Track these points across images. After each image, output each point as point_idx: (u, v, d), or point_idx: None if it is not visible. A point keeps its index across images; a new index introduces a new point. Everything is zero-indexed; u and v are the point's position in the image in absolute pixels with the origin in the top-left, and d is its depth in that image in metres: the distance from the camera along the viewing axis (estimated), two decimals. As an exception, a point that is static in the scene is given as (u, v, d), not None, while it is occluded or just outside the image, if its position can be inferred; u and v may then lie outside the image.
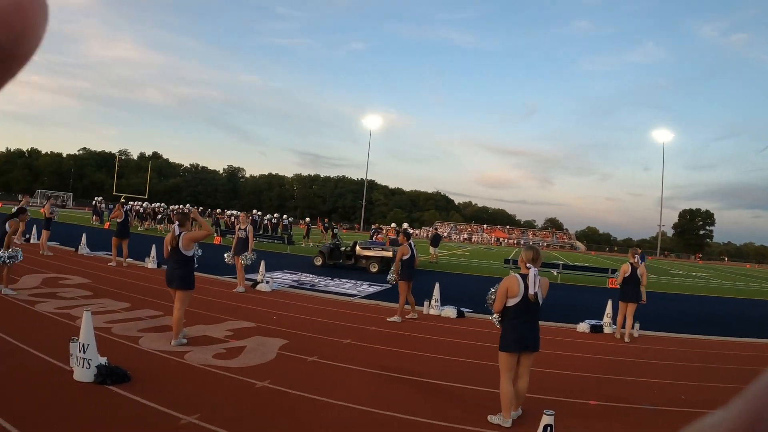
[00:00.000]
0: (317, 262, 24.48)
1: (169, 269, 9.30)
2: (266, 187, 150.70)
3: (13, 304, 11.05)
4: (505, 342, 6.48)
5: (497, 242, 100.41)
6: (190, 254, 9.30)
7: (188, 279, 9.20)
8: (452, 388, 7.81)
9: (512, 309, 6.46)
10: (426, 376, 8.27)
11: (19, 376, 6.81)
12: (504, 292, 6.48)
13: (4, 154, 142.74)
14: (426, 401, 7.14)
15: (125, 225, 19.04)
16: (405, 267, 13.00)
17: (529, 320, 6.51)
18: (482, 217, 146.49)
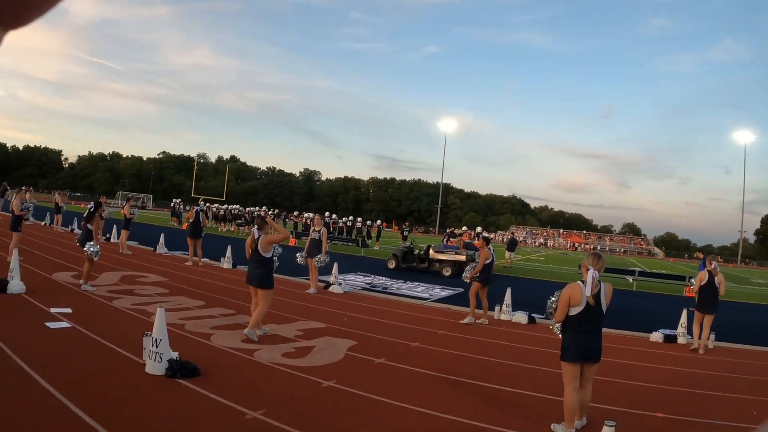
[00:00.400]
0: (390, 265, 24.57)
1: (249, 269, 10.07)
2: (342, 190, 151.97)
3: (92, 300, 11.52)
4: (566, 352, 6.29)
5: (573, 247, 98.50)
6: (268, 256, 9.94)
7: (267, 279, 9.86)
8: (518, 396, 7.71)
9: (575, 318, 6.25)
10: (492, 382, 8.20)
11: (95, 368, 7.11)
12: (566, 301, 6.25)
13: (87, 157, 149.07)
14: (490, 408, 7.08)
15: (196, 225, 19.57)
16: (483, 271, 12.95)
17: (592, 329, 6.28)
18: (558, 221, 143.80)
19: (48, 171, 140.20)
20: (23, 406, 5.64)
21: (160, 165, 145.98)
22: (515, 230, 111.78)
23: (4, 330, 8.42)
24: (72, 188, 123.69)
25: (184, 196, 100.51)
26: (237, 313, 11.52)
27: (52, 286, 12.65)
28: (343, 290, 16.00)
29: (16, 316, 9.52)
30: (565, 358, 6.29)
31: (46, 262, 16.18)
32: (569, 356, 6.25)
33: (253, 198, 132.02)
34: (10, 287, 11.25)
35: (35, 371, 6.67)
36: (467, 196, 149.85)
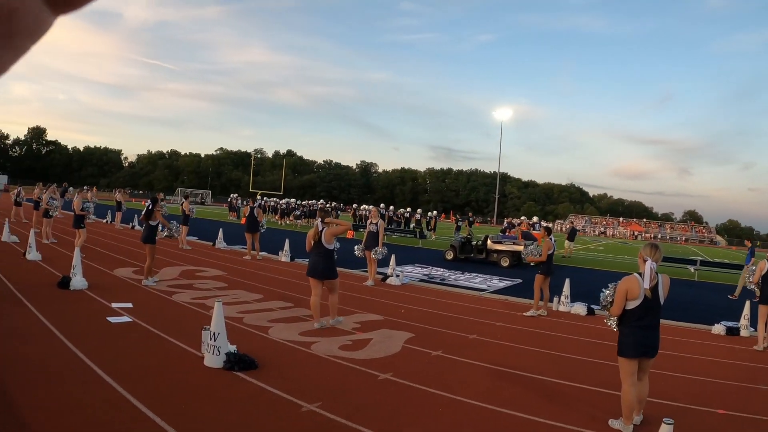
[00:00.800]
0: (448, 256, 24.45)
1: (312, 261, 10.26)
2: (399, 182, 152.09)
3: (152, 295, 11.78)
4: (623, 347, 6.15)
5: (633, 236, 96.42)
6: (331, 248, 10.20)
7: (332, 269, 10.19)
8: (577, 390, 7.57)
9: (632, 312, 6.08)
10: (550, 376, 8.08)
11: (155, 361, 7.28)
12: (623, 294, 6.07)
13: (146, 156, 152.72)
14: (547, 401, 6.97)
15: (252, 220, 19.80)
16: (546, 262, 12.77)
17: (650, 323, 6.09)
18: (618, 209, 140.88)
19: (109, 170, 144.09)
20: (85, 398, 5.80)
21: (217, 161, 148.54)
22: (574, 219, 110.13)
23: (67, 325, 8.69)
24: (132, 186, 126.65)
25: (242, 191, 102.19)
26: (295, 306, 11.64)
27: (114, 281, 12.99)
28: (401, 282, 16.02)
29: (78, 311, 9.81)
30: (623, 353, 6.14)
31: (107, 259, 16.62)
32: (627, 352, 6.11)
33: (310, 191, 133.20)
34: (72, 283, 11.61)
35: (97, 364, 6.86)
36: (525, 185, 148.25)
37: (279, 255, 19.92)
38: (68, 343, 7.73)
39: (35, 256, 15.31)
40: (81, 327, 8.69)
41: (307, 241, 10.41)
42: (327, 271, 10.09)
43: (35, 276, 12.91)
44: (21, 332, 8.21)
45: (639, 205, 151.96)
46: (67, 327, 8.57)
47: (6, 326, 8.47)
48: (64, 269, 13.20)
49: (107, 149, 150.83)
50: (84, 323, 8.97)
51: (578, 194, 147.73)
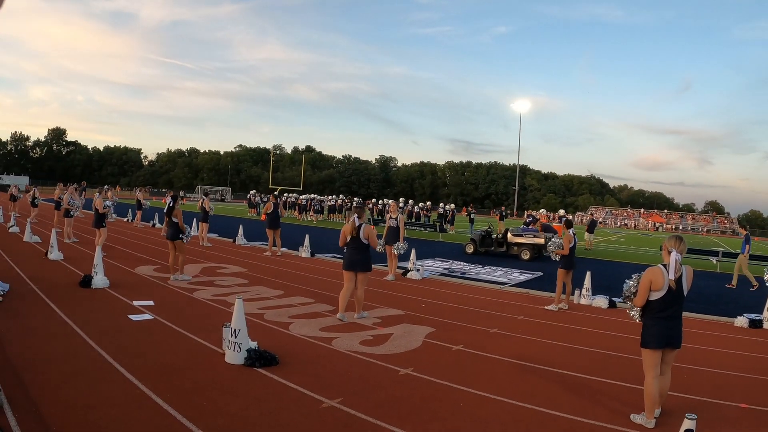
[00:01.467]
0: (468, 249, 24.43)
1: (348, 255, 10.60)
2: (418, 176, 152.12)
3: (173, 292, 11.87)
4: (647, 338, 6.13)
5: (654, 227, 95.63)
6: (367, 242, 10.54)
7: (368, 263, 10.62)
8: (598, 383, 7.49)
9: (656, 303, 6.07)
10: (572, 370, 8.01)
11: (176, 359, 7.32)
12: (647, 285, 6.07)
13: (166, 154, 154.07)
14: (569, 396, 6.90)
15: (274, 216, 19.86)
16: (568, 255, 12.70)
17: (673, 314, 6.08)
18: (638, 201, 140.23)
19: (129, 169, 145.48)
20: (108, 396, 5.85)
21: (237, 158, 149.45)
22: (594, 211, 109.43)
23: (89, 323, 8.78)
24: (152, 185, 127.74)
25: (262, 187, 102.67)
26: (316, 302, 11.67)
27: (135, 279, 13.09)
28: (422, 276, 16.01)
29: (100, 309, 9.89)
30: (647, 344, 6.13)
31: (128, 257, 16.76)
32: (651, 343, 6.09)
33: (330, 186, 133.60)
34: (94, 282, 11.72)
35: (119, 362, 6.93)
36: (545, 177, 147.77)
37: (299, 251, 19.97)
38: (90, 342, 7.81)
39: (57, 256, 15.47)
40: (103, 325, 8.76)
41: (342, 236, 10.66)
42: (364, 264, 10.49)
43: (57, 275, 13.04)
44: (43, 331, 8.30)
45: (660, 196, 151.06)
46: (89, 325, 8.65)
47: (29, 325, 8.56)
48: (85, 268, 13.34)
49: (127, 148, 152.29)
50: (106, 321, 9.04)
51: (598, 186, 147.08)
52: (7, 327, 8.34)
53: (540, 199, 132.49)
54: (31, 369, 6.55)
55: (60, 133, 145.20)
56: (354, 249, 10.50)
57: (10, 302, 9.99)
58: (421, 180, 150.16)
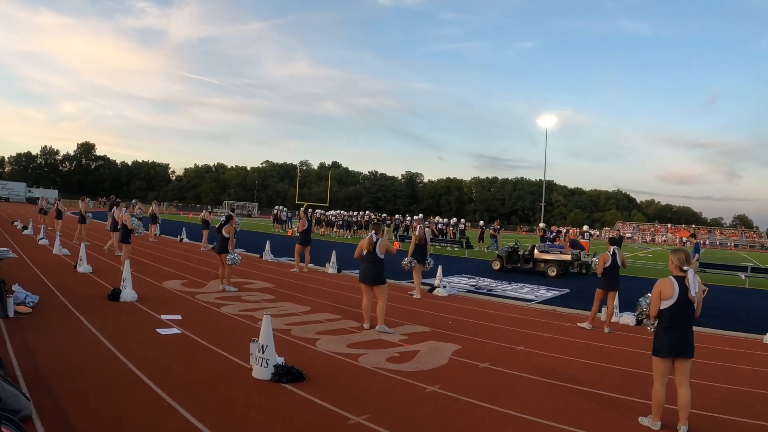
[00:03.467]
0: (495, 266, 24.34)
1: (364, 268, 11.15)
2: (445, 192, 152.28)
3: (201, 307, 11.98)
4: (657, 346, 6.39)
5: (682, 242, 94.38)
6: (382, 257, 11.11)
7: (381, 276, 11.05)
8: (625, 401, 7.40)
9: (666, 312, 6.34)
10: (598, 387, 7.93)
11: (203, 373, 7.39)
12: (657, 295, 6.39)
13: (193, 169, 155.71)
14: (597, 414, 6.82)
15: (307, 233, 19.97)
16: (603, 274, 12.56)
17: (683, 324, 6.31)
18: (666, 215, 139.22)
19: (156, 184, 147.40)
20: (136, 408, 5.92)
21: (263, 174, 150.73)
22: (621, 226, 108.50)
23: (117, 336, 8.90)
24: (180, 199, 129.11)
25: (288, 203, 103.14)
26: (342, 318, 11.70)
27: (163, 294, 13.24)
28: (448, 293, 15.98)
29: (128, 323, 10.03)
30: (657, 353, 6.37)
31: (156, 271, 16.95)
32: (661, 351, 6.33)
33: (356, 202, 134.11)
34: (122, 296, 11.88)
35: (146, 375, 7.01)
36: (571, 193, 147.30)
37: (326, 267, 20.06)
38: (118, 354, 7.91)
39: (86, 269, 15.71)
40: (131, 338, 8.88)
41: (358, 250, 11.28)
42: (377, 278, 10.96)
43: (86, 288, 13.23)
44: (72, 342, 8.43)
45: (687, 210, 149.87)
46: (118, 338, 8.78)
47: (58, 336, 8.70)
48: (114, 281, 13.52)
49: (155, 163, 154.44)
50: (134, 334, 9.16)
51: (625, 201, 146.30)
52: (36, 338, 8.50)
53: (567, 215, 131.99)
54: (60, 380, 6.66)
55: (89, 147, 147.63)
56: (369, 263, 11.07)
57: (39, 314, 10.18)
58: (447, 196, 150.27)
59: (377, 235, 11.20)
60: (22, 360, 7.37)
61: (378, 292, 10.94)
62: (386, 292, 11.08)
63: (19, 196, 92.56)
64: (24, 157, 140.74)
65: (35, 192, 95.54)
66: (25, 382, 6.50)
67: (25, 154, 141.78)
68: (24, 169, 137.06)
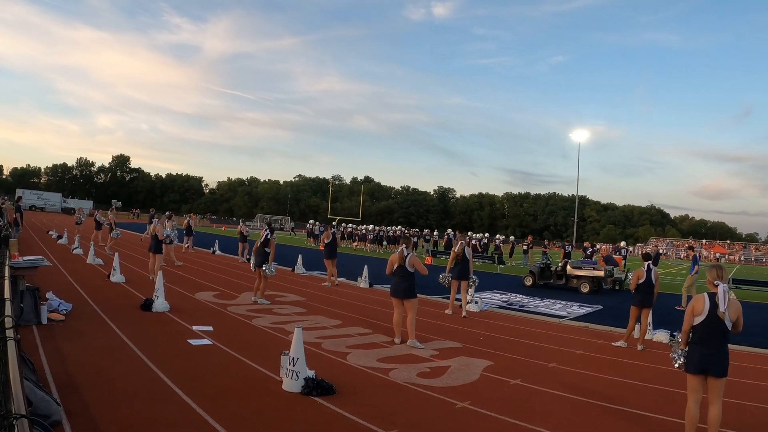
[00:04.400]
0: (527, 282, 24.18)
1: (395, 282, 11.22)
2: (477, 207, 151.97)
3: (232, 318, 12.04)
4: (689, 363, 6.38)
5: (716, 258, 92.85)
6: (413, 271, 11.11)
7: (412, 290, 11.03)
8: (657, 420, 7.25)
9: (697, 328, 6.33)
10: (631, 406, 7.78)
11: (234, 384, 7.42)
12: (690, 311, 6.37)
13: (226, 183, 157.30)
14: (633, 432, 6.75)
15: (332, 246, 20.02)
16: (637, 291, 12.39)
17: (712, 341, 6.22)
18: (700, 231, 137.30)
19: (190, 197, 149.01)
20: (165, 417, 5.96)
21: (296, 188, 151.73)
22: (655, 242, 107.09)
23: (149, 346, 8.97)
24: (213, 212, 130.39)
25: (321, 217, 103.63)
26: (373, 332, 11.67)
27: (195, 305, 13.34)
28: (480, 309, 15.86)
29: (160, 333, 10.12)
30: (687, 369, 6.39)
31: (188, 283, 17.08)
32: (691, 368, 6.35)
33: (388, 217, 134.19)
34: (155, 306, 11.99)
35: (177, 385, 7.05)
36: (604, 208, 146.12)
37: (358, 281, 20.05)
38: (150, 364, 7.97)
39: (119, 279, 15.91)
40: (162, 348, 8.95)
41: (389, 264, 11.31)
42: (407, 292, 10.94)
43: (119, 297, 13.40)
44: (104, 351, 8.53)
45: (722, 225, 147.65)
46: (149, 348, 8.85)
47: (90, 344, 8.81)
48: (146, 292, 13.64)
49: (188, 176, 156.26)
50: (165, 345, 9.24)
51: (659, 216, 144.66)
52: (68, 345, 8.62)
53: (599, 231, 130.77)
54: (91, 387, 6.72)
55: (124, 159, 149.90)
56: (399, 277, 11.11)
57: (72, 322, 10.32)
58: (480, 211, 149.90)
59: (407, 250, 11.22)
60: (53, 366, 7.48)
61: (408, 306, 10.90)
62: (416, 307, 11.00)
63: (54, 206, 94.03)
64: (60, 169, 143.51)
65: (70, 202, 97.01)
66: (56, 387, 6.59)
67: (61, 165, 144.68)
68: (60, 179, 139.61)
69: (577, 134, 62.72)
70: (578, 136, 62.19)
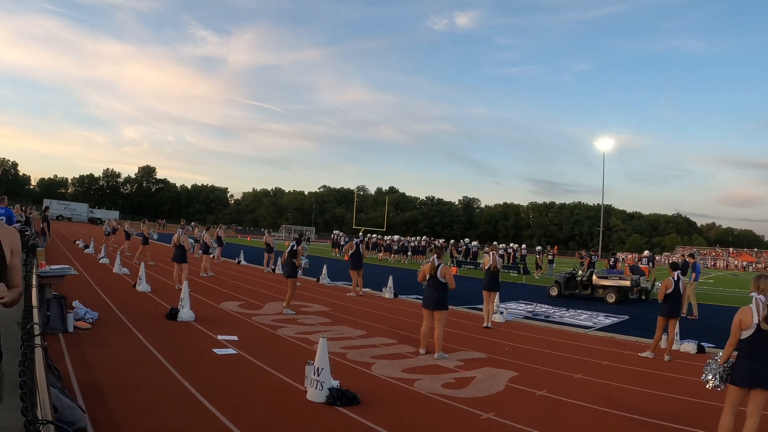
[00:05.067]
0: (553, 292, 24.01)
1: (427, 293, 11.23)
2: (501, 217, 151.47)
3: (257, 328, 12.07)
4: (735, 376, 6.23)
5: (744, 267, 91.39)
6: (444, 281, 11.02)
7: (443, 301, 11.04)
8: (691, 432, 7.21)
9: (745, 342, 6.16)
10: (658, 418, 7.66)
11: (258, 394, 7.43)
12: (738, 324, 6.20)
13: (251, 194, 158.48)
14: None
15: (356, 256, 20.06)
16: (665, 301, 12.27)
17: (762, 353, 6.07)
18: (727, 239, 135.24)
19: (215, 207, 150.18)
20: (190, 425, 5.98)
21: (321, 198, 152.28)
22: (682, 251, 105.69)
23: (174, 355, 9.02)
24: (238, 223, 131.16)
25: (345, 227, 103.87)
26: (398, 343, 11.63)
27: (220, 314, 13.41)
28: (505, 319, 15.77)
29: (185, 342, 10.18)
30: (734, 382, 6.24)
31: (214, 292, 17.16)
32: (737, 380, 6.20)
33: (413, 227, 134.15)
34: (180, 315, 12.06)
35: (202, 394, 7.08)
36: (629, 217, 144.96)
37: (383, 291, 20.03)
38: (175, 372, 8.01)
39: (145, 288, 16.05)
40: (187, 357, 8.99)
41: (421, 273, 11.49)
42: (439, 302, 10.92)
43: (145, 306, 13.51)
44: (130, 359, 8.59)
45: (749, 233, 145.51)
46: (175, 356, 8.90)
47: (116, 353, 8.88)
48: (172, 301, 13.73)
49: (214, 187, 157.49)
50: (190, 354, 9.28)
51: (685, 225, 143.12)
52: (94, 353, 8.69)
53: (625, 240, 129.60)
54: (116, 394, 6.78)
55: (150, 171, 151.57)
56: (431, 287, 11.10)
57: (98, 330, 10.42)
58: (505, 221, 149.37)
59: (439, 260, 11.13)
60: (79, 373, 7.55)
61: (437, 317, 10.85)
62: (445, 319, 10.95)
63: (81, 216, 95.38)
64: (87, 179, 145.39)
65: (97, 213, 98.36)
66: (81, 395, 6.65)
67: (88, 176, 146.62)
68: (87, 190, 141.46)
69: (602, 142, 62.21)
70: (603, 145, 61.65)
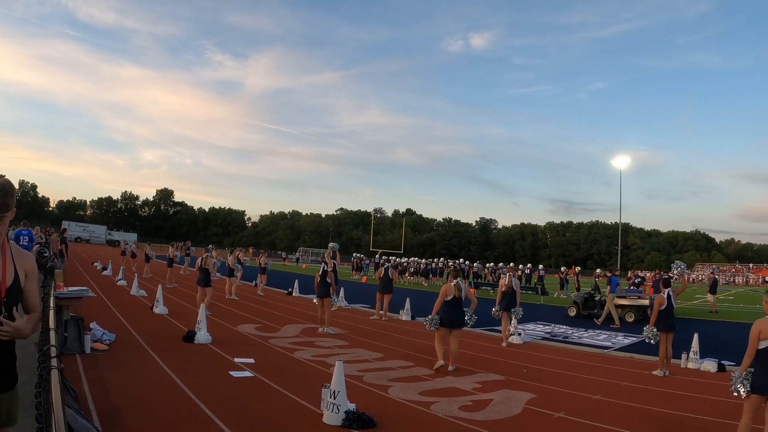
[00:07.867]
0: (571, 312, 23.79)
1: (449, 313, 11.63)
2: (519, 237, 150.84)
3: (274, 351, 12.08)
4: (754, 384, 6.44)
5: (765, 283, 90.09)
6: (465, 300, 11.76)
7: (462, 320, 11.79)
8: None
9: (763, 351, 6.42)
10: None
11: (274, 416, 7.43)
12: (756, 335, 6.47)
13: (269, 216, 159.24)
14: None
15: (386, 280, 20.07)
16: (661, 318, 12.24)
17: None
18: (746, 255, 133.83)
19: (233, 230, 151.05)
20: (207, 450, 5.95)
21: (338, 221, 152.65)
22: (700, 268, 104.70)
23: (191, 377, 9.05)
24: (255, 245, 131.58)
25: (362, 249, 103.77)
26: (415, 365, 11.58)
27: (237, 337, 13.43)
28: (523, 340, 15.66)
29: (201, 364, 10.20)
30: (753, 389, 6.45)
31: (231, 315, 17.19)
32: (757, 389, 6.40)
33: (430, 249, 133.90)
34: (197, 337, 12.11)
35: (218, 416, 7.09)
36: (648, 235, 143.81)
37: (400, 314, 19.97)
38: (191, 394, 8.02)
39: (162, 310, 16.13)
40: (204, 379, 9.01)
41: (442, 293, 11.74)
42: (461, 321, 11.73)
43: (162, 328, 13.57)
44: (147, 380, 8.63)
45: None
46: (191, 378, 8.92)
47: (133, 374, 8.93)
48: (189, 323, 13.77)
49: (231, 210, 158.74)
50: (207, 375, 9.30)
51: (704, 241, 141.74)
52: (111, 374, 8.75)
53: (644, 258, 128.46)
54: (132, 415, 6.81)
55: (168, 193, 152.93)
56: (455, 307, 11.63)
57: (116, 351, 10.49)
58: (522, 242, 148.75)
59: (462, 282, 11.74)
60: (96, 394, 7.60)
61: (456, 334, 11.59)
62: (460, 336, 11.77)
63: (99, 239, 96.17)
64: (105, 202, 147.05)
65: (115, 235, 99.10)
66: (98, 415, 6.70)
67: (107, 198, 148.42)
68: (105, 212, 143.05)
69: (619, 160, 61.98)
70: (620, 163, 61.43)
